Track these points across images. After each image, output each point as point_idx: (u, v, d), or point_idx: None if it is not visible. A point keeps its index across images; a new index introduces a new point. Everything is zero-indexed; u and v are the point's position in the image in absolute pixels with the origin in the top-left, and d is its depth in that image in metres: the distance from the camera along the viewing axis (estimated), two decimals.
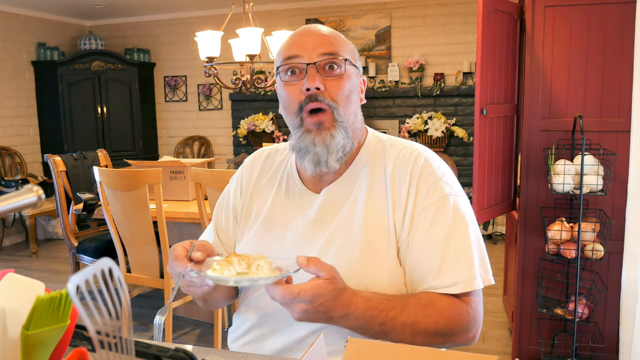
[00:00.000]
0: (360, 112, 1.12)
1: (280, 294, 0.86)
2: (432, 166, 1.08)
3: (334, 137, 1.03)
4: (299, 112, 1.04)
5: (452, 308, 1.00)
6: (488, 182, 2.59)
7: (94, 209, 3.25)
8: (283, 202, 1.15)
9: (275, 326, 1.08)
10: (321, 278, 0.89)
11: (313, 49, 1.03)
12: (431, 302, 0.99)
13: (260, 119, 5.82)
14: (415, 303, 0.98)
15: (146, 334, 3.21)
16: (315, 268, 0.89)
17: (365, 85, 1.15)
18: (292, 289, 0.86)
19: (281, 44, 1.10)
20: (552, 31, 2.43)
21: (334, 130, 1.03)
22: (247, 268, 0.88)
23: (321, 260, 0.90)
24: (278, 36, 3.29)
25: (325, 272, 0.89)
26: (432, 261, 1.02)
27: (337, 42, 1.06)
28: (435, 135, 5.23)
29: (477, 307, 1.03)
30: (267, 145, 1.39)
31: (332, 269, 0.91)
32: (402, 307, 0.97)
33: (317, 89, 1.02)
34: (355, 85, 1.09)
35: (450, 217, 1.03)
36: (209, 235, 1.26)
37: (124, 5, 5.79)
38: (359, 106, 1.12)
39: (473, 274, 1.01)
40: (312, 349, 0.70)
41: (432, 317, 0.98)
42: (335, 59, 1.04)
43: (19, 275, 0.70)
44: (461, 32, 5.42)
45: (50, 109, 5.90)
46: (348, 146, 1.05)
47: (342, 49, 1.06)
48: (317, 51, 1.03)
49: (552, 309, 2.42)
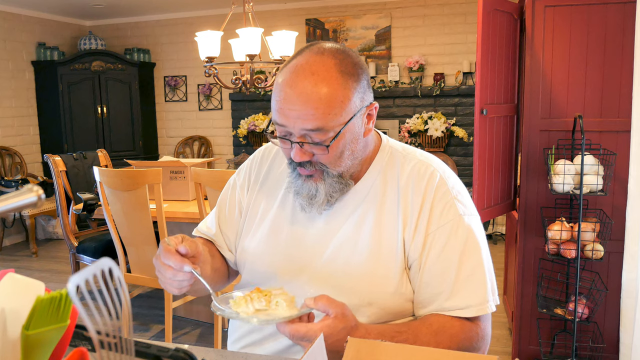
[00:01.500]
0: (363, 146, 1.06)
1: (289, 333, 0.86)
2: (447, 184, 1.06)
3: (318, 189, 1.03)
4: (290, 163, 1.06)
5: (462, 332, 1.00)
6: (488, 182, 2.59)
7: (94, 209, 3.25)
8: (291, 206, 1.13)
9: (276, 330, 1.08)
10: (331, 317, 0.88)
11: (297, 124, 0.96)
12: (442, 328, 0.99)
13: (260, 119, 5.82)
14: (427, 331, 0.98)
15: (146, 334, 3.21)
16: (324, 305, 0.88)
17: (376, 109, 1.06)
18: (300, 329, 0.85)
19: (278, 80, 1.01)
20: (552, 31, 2.43)
21: (320, 183, 1.03)
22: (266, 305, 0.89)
23: (330, 298, 0.89)
24: (278, 36, 3.28)
25: (333, 310, 0.88)
26: (444, 282, 1.01)
27: (324, 113, 0.95)
28: (435, 135, 5.23)
29: (485, 328, 1.04)
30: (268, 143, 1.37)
31: (342, 305, 0.89)
32: (415, 337, 0.96)
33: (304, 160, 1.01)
34: (355, 134, 1.02)
35: (464, 238, 1.03)
36: (212, 223, 1.24)
37: (124, 5, 5.79)
38: (361, 142, 1.05)
39: (485, 298, 1.01)
40: (312, 349, 0.70)
41: (444, 343, 0.98)
42: (321, 135, 0.96)
43: (19, 275, 0.70)
44: (461, 32, 5.42)
45: (50, 109, 5.90)
46: (337, 191, 1.05)
47: (333, 118, 0.96)
48: (299, 127, 0.96)
49: (552, 309, 2.42)
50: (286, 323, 0.86)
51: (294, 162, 1.02)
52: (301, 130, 0.96)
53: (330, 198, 1.05)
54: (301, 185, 1.05)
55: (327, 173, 1.03)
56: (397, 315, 1.05)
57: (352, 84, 0.98)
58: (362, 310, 1.02)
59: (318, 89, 0.95)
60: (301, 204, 1.08)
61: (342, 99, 0.96)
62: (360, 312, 1.01)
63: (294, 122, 0.96)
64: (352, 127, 1.00)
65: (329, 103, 0.95)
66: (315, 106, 0.94)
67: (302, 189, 1.05)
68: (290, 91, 0.96)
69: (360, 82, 1.00)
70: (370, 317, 1.03)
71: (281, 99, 0.98)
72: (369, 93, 1.03)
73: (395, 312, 1.04)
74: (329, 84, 0.95)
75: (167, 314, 2.74)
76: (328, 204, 1.06)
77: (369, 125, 1.05)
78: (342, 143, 1.00)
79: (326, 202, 1.05)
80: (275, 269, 1.10)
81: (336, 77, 0.96)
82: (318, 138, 0.97)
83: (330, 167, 1.02)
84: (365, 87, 1.02)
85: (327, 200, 1.05)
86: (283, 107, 0.97)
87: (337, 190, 1.05)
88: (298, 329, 0.85)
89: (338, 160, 1.02)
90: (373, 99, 1.06)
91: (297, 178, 1.06)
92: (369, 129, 1.05)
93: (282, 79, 0.99)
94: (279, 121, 0.99)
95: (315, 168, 1.02)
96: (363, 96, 1.01)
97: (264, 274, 1.11)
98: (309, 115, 0.95)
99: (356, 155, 1.05)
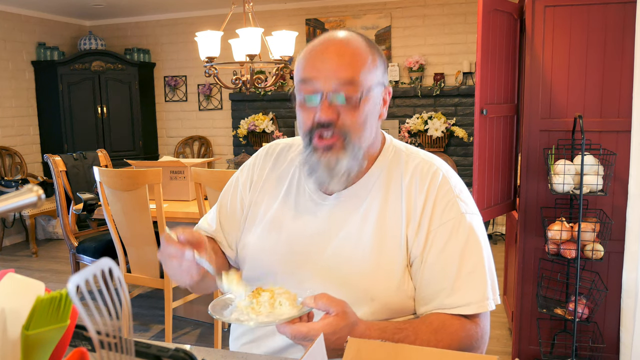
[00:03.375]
0: (377, 129, 1.08)
1: (290, 334, 0.86)
2: (449, 183, 1.07)
3: (339, 161, 1.01)
4: (309, 133, 1.03)
5: (462, 330, 1.00)
6: (488, 182, 2.59)
7: (94, 209, 3.25)
8: (293, 203, 1.13)
9: None
10: (331, 315, 0.87)
11: (329, 75, 0.97)
12: (442, 327, 0.99)
13: (260, 119, 5.82)
14: (427, 329, 0.98)
15: (146, 334, 3.21)
16: (324, 304, 0.88)
17: (390, 95, 1.09)
18: (301, 329, 0.85)
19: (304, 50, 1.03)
20: (552, 31, 2.43)
21: (341, 154, 1.01)
22: (270, 308, 0.89)
23: (330, 296, 0.89)
24: (278, 36, 3.28)
25: (334, 308, 0.88)
26: (445, 279, 1.02)
27: (358, 66, 0.98)
28: (435, 135, 5.23)
29: (485, 327, 1.04)
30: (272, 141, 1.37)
31: (343, 303, 0.89)
32: (415, 335, 0.97)
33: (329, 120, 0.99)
34: (376, 106, 1.04)
35: (465, 236, 1.03)
36: (212, 220, 1.24)
37: (124, 5, 5.79)
38: (377, 123, 1.08)
39: (485, 295, 1.02)
40: (312, 349, 0.70)
41: (445, 341, 0.98)
42: (352, 89, 0.98)
43: (19, 275, 0.70)
44: (461, 32, 5.42)
45: (50, 109, 5.90)
46: (355, 168, 1.04)
47: (364, 72, 0.99)
48: (334, 78, 0.97)
49: (552, 309, 2.42)
50: (287, 324, 0.86)
51: (315, 128, 1.00)
52: (334, 82, 0.97)
53: (350, 172, 1.03)
54: (317, 161, 1.03)
55: (349, 141, 1.01)
56: (399, 312, 1.05)
57: (377, 56, 1.04)
58: (364, 306, 1.02)
59: (351, 45, 1.00)
60: (318, 180, 1.05)
61: (372, 60, 1.01)
62: (362, 307, 1.01)
63: (327, 73, 0.97)
64: (375, 98, 1.03)
65: (361, 59, 0.99)
66: (349, 58, 0.98)
67: (319, 164, 1.03)
68: (322, 48, 1.00)
69: (382, 56, 1.06)
70: (372, 313, 1.03)
71: (311, 57, 1.00)
72: (386, 75, 1.08)
73: (397, 309, 1.05)
74: (360, 45, 1.01)
75: (167, 314, 2.74)
76: (346, 181, 1.05)
77: (384, 110, 1.08)
78: (367, 110, 1.01)
79: (346, 176, 1.03)
80: (277, 265, 1.10)
81: (365, 44, 1.02)
82: (348, 93, 0.98)
83: (353, 133, 1.01)
84: (385, 67, 1.06)
85: (347, 174, 1.03)
86: (315, 62, 0.99)
87: (356, 165, 1.03)
88: (299, 329, 0.85)
89: (362, 127, 1.01)
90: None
91: (312, 154, 1.03)
92: (383, 113, 1.08)
93: (309, 49, 1.02)
94: (309, 75, 0.99)
95: (336, 135, 1.00)
96: (384, 72, 1.05)
97: (265, 270, 1.11)
98: (343, 66, 0.97)
99: (371, 134, 1.05)
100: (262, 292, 0.91)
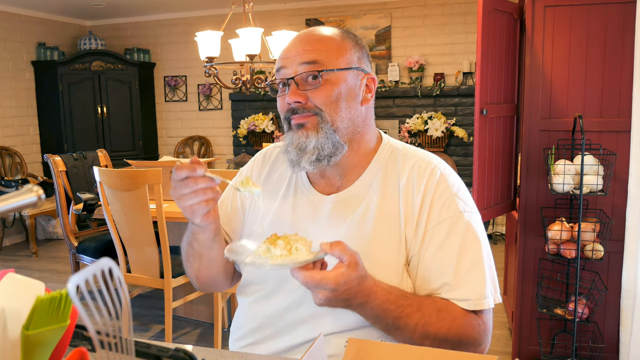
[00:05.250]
0: (361, 115, 1.08)
1: (302, 279, 0.86)
2: (447, 181, 1.07)
3: (309, 138, 1.02)
4: (286, 119, 1.06)
5: (465, 317, 1.00)
6: (488, 182, 2.59)
7: (94, 209, 3.25)
8: (291, 204, 1.13)
9: (277, 330, 1.08)
10: (344, 264, 0.88)
11: (295, 59, 1.03)
12: (445, 307, 0.99)
13: (260, 119, 5.82)
14: (431, 305, 0.98)
15: (146, 334, 3.21)
16: (339, 251, 0.87)
17: (375, 83, 1.09)
18: (315, 276, 0.85)
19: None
20: (552, 31, 2.43)
21: (312, 132, 1.02)
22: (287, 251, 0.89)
23: (345, 244, 0.89)
24: (278, 36, 3.28)
25: (347, 257, 0.88)
26: (443, 276, 1.02)
27: (321, 47, 1.03)
28: (435, 135, 5.23)
29: (487, 322, 1.04)
30: (267, 145, 1.38)
31: (355, 254, 0.90)
32: (418, 307, 0.97)
33: (298, 102, 1.02)
34: (350, 89, 1.04)
35: (463, 234, 1.03)
36: None
37: (124, 5, 5.79)
38: (359, 109, 1.07)
39: (484, 293, 1.01)
40: (312, 349, 0.70)
41: (445, 321, 0.98)
42: (314, 69, 1.01)
43: (19, 275, 0.70)
44: (461, 32, 5.42)
45: (50, 109, 5.90)
46: (328, 148, 1.03)
47: (329, 53, 1.03)
48: (298, 61, 1.02)
49: (552, 309, 2.42)
50: (300, 269, 0.86)
51: (289, 113, 1.04)
52: (298, 65, 1.02)
53: (320, 151, 1.02)
54: (291, 138, 1.05)
55: (323, 119, 1.02)
56: None
57: (350, 42, 1.07)
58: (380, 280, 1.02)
59: (318, 32, 1.06)
60: (291, 160, 1.06)
61: (340, 45, 1.05)
62: None
63: (292, 60, 1.03)
64: (348, 80, 1.05)
65: (327, 43, 1.04)
66: (314, 44, 1.04)
67: (292, 141, 1.04)
68: (293, 40, 1.08)
69: (358, 45, 1.08)
70: None
71: (283, 49, 1.08)
72: (368, 64, 1.10)
73: None
74: (329, 33, 1.07)
75: (167, 314, 2.74)
76: (317, 161, 1.03)
77: (368, 95, 1.09)
78: (337, 90, 1.03)
79: (316, 155, 1.03)
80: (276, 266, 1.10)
81: (336, 32, 1.07)
82: (312, 73, 1.02)
83: (326, 110, 1.02)
84: (364, 55, 1.09)
85: (317, 153, 1.02)
86: (284, 52, 1.06)
87: (329, 146, 1.03)
88: (313, 276, 0.85)
89: (333, 105, 1.03)
90: (373, 73, 1.10)
91: (289, 133, 1.06)
92: (366, 98, 1.08)
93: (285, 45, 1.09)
94: (279, 64, 1.05)
95: (311, 113, 1.03)
96: (361, 57, 1.08)
97: (264, 271, 1.11)
98: (307, 50, 1.03)
99: (353, 119, 1.05)
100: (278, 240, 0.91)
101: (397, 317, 0.95)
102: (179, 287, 2.95)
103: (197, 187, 0.94)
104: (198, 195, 0.95)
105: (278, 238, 0.91)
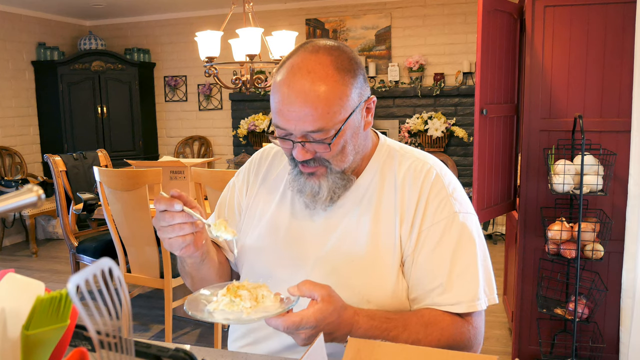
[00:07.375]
0: (363, 138, 1.06)
1: (283, 326, 0.85)
2: (443, 182, 1.06)
3: (321, 186, 1.04)
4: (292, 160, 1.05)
5: (453, 327, 0.99)
6: (488, 182, 2.59)
7: (94, 209, 3.25)
8: (289, 204, 1.14)
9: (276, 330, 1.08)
10: (318, 301, 0.88)
11: (296, 123, 0.96)
12: (433, 321, 0.99)
13: (260, 119, 5.82)
14: (417, 321, 0.98)
15: (146, 334, 3.21)
16: (308, 290, 0.88)
17: (374, 103, 1.06)
18: (294, 319, 0.85)
19: (274, 80, 1.00)
20: (552, 31, 2.43)
21: (323, 179, 1.04)
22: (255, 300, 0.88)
23: (312, 281, 0.89)
24: (278, 36, 3.28)
25: (319, 293, 0.88)
26: (436, 278, 1.01)
27: (323, 109, 0.94)
28: (435, 135, 5.23)
29: (478, 326, 1.03)
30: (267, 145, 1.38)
31: (327, 287, 0.90)
32: (404, 326, 0.96)
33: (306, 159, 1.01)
34: (354, 128, 1.02)
35: (458, 235, 1.02)
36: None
37: (124, 5, 5.79)
38: (362, 134, 1.05)
39: (477, 295, 1.01)
40: (312, 349, 0.70)
41: (434, 335, 0.97)
42: (323, 134, 0.97)
43: (19, 275, 0.70)
44: (461, 32, 5.42)
45: (50, 109, 5.90)
46: (340, 187, 1.05)
47: (331, 115, 0.95)
48: (301, 128, 0.96)
49: (552, 309, 2.42)
50: (277, 317, 0.86)
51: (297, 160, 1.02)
52: (302, 131, 0.97)
53: (333, 194, 1.05)
54: (303, 184, 1.05)
55: (331, 169, 1.03)
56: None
57: (350, 80, 0.98)
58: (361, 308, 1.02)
59: (316, 88, 0.94)
60: (305, 202, 1.09)
61: (341, 96, 0.96)
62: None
63: (295, 123, 0.96)
64: (352, 123, 1.00)
65: (327, 102, 0.95)
66: (314, 106, 0.94)
67: (305, 187, 1.05)
68: (288, 91, 0.96)
69: (357, 78, 1.00)
70: None
71: (280, 100, 0.97)
72: (366, 87, 1.03)
73: (394, 310, 1.04)
74: (326, 82, 0.95)
75: (167, 314, 2.74)
76: (331, 201, 1.06)
77: (368, 118, 1.06)
78: (343, 140, 1.00)
79: (329, 199, 1.06)
80: (274, 266, 1.10)
81: (333, 75, 0.96)
82: (319, 137, 0.97)
83: (334, 163, 1.02)
84: (362, 82, 1.01)
85: (330, 196, 1.05)
86: (282, 108, 0.97)
87: (340, 187, 1.05)
88: (293, 320, 0.85)
89: (341, 156, 1.02)
90: (370, 92, 1.06)
91: (299, 176, 1.06)
92: (368, 121, 1.06)
93: (279, 78, 0.99)
94: (279, 124, 0.99)
95: (319, 164, 1.03)
96: (360, 91, 1.01)
97: (263, 271, 1.11)
98: (309, 116, 0.95)
99: (358, 150, 1.06)
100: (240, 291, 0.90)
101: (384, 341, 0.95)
102: (179, 287, 2.95)
103: (173, 222, 0.94)
104: (174, 230, 0.95)
105: (238, 288, 0.90)
